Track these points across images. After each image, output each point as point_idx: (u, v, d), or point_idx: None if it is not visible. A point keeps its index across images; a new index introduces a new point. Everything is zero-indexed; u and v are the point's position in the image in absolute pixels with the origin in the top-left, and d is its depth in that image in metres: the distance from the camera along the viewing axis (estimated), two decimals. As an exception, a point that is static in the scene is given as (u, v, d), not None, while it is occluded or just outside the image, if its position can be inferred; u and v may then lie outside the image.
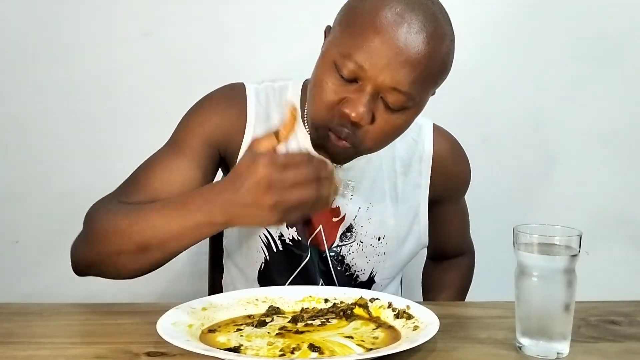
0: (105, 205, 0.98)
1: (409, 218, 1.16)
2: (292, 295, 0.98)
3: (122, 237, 0.90)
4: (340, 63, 0.92)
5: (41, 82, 1.59)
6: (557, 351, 0.80)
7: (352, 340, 0.83)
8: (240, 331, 0.86)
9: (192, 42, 1.60)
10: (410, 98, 0.93)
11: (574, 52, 1.67)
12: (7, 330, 0.88)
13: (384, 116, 0.94)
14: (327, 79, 0.94)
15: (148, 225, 0.88)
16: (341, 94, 0.93)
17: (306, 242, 1.11)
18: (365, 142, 0.97)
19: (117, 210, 0.94)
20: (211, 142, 1.06)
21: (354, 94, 0.92)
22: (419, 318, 0.88)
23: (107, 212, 0.95)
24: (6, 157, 1.61)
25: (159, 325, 0.82)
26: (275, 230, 1.10)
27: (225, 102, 1.09)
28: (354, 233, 1.12)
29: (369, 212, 1.12)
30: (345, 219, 1.11)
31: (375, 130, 0.95)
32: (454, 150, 1.20)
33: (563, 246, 0.80)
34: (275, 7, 1.60)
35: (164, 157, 1.04)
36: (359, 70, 0.91)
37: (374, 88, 0.92)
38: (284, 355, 0.78)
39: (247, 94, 1.10)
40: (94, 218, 0.96)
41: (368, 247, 1.13)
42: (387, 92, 0.92)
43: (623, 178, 1.72)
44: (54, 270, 1.59)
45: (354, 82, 0.93)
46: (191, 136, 1.05)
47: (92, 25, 1.58)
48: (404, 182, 1.15)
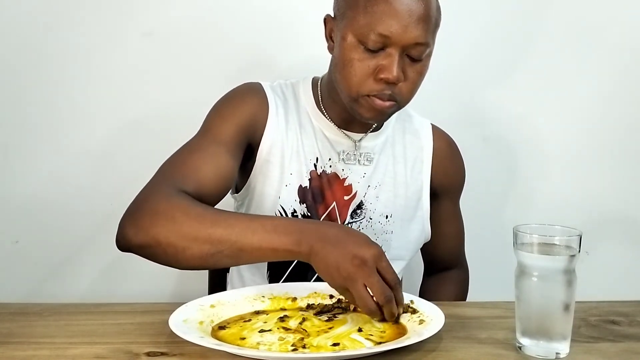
0: (170, 191, 0.97)
1: (414, 200, 1.24)
2: (297, 292, 0.99)
3: (198, 234, 0.91)
4: (365, 39, 1.04)
5: (41, 82, 1.59)
6: (557, 351, 0.81)
7: (361, 334, 0.85)
8: (251, 327, 0.87)
9: (192, 42, 1.60)
10: (428, 46, 1.07)
11: (574, 52, 1.67)
12: (7, 330, 0.88)
13: (412, 69, 1.07)
14: (356, 56, 1.06)
15: (228, 231, 0.91)
16: (372, 64, 1.06)
17: (318, 219, 1.16)
18: (403, 95, 1.09)
19: (188, 202, 0.95)
20: (243, 129, 1.13)
21: (384, 60, 1.05)
22: (423, 312, 0.90)
23: (177, 200, 0.95)
24: (6, 157, 1.61)
25: (172, 322, 0.83)
26: (289, 207, 1.15)
27: (252, 94, 1.17)
28: (364, 210, 1.19)
29: (377, 190, 1.20)
30: (356, 197, 1.19)
31: (409, 83, 1.08)
32: (451, 147, 1.30)
33: (563, 246, 0.80)
34: (275, 7, 1.60)
35: (202, 145, 1.08)
36: (384, 39, 1.04)
37: (400, 49, 1.04)
38: (296, 350, 0.79)
39: (264, 88, 1.19)
40: (161, 202, 0.95)
41: (377, 224, 1.20)
42: (411, 48, 1.05)
43: (623, 178, 1.72)
44: (54, 270, 1.60)
45: (381, 51, 1.05)
46: (225, 125, 1.11)
47: (92, 25, 1.58)
48: (409, 167, 1.24)
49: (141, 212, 0.95)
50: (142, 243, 0.92)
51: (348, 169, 1.19)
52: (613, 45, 1.67)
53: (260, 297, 0.97)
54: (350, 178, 1.19)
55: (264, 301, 0.97)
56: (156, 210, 0.93)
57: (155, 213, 0.93)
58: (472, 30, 1.65)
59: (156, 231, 0.92)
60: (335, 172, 1.18)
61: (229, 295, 0.97)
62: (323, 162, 1.18)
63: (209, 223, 0.91)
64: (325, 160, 1.18)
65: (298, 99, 1.20)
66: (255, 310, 0.95)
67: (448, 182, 1.29)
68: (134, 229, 0.93)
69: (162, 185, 0.99)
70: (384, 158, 1.22)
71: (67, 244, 1.56)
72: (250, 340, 0.82)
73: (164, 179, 1.02)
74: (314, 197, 1.17)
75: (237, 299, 0.96)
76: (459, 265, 1.37)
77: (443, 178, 1.27)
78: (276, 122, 1.16)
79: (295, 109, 1.19)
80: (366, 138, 1.20)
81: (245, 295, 0.97)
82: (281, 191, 1.15)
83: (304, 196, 1.16)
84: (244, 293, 0.98)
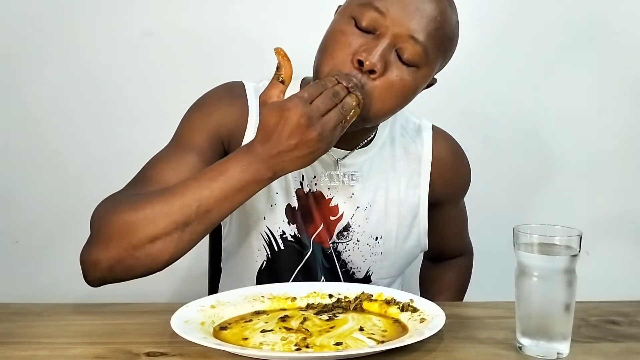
0: (120, 200, 0.95)
1: (409, 219, 1.15)
2: (297, 291, 0.99)
3: (156, 220, 0.89)
4: (359, 14, 0.95)
5: (41, 82, 1.59)
6: (557, 351, 0.80)
7: (363, 333, 0.85)
8: (252, 327, 0.87)
9: (193, 42, 1.60)
10: (425, 52, 0.95)
11: (574, 52, 1.67)
12: (7, 330, 0.88)
13: (396, 69, 0.95)
14: (344, 31, 0.96)
15: (188, 200, 0.88)
16: (356, 45, 0.94)
17: (308, 239, 1.11)
18: (372, 97, 0.95)
19: (138, 199, 0.92)
20: (216, 136, 1.06)
21: (370, 43, 0.94)
22: (424, 311, 0.90)
23: (125, 204, 0.92)
24: (6, 157, 1.61)
25: (173, 323, 0.83)
26: (277, 228, 1.10)
27: (227, 97, 1.10)
28: (351, 232, 1.12)
29: (367, 211, 1.12)
30: (343, 218, 1.12)
31: (384, 84, 0.95)
32: (453, 152, 1.20)
33: (563, 246, 0.80)
34: (276, 7, 1.60)
35: (170, 154, 1.04)
36: (379, 18, 0.94)
37: (391, 37, 0.94)
38: (300, 350, 0.79)
39: (246, 90, 1.10)
40: (110, 214, 0.92)
41: (365, 246, 1.13)
42: (404, 41, 0.94)
43: (623, 178, 1.72)
44: (54, 270, 1.60)
45: (371, 34, 0.95)
46: (196, 132, 1.05)
47: (92, 25, 1.58)
48: (403, 183, 1.15)
49: (90, 244, 0.93)
50: (105, 274, 0.91)
51: (334, 189, 1.10)
52: (614, 45, 1.67)
53: (260, 297, 0.97)
54: (336, 199, 1.10)
55: (263, 301, 0.96)
56: (109, 227, 0.90)
57: (109, 231, 0.90)
58: (475, 30, 1.64)
59: (115, 243, 0.89)
60: (321, 191, 1.10)
61: (229, 296, 0.96)
62: (308, 180, 1.09)
63: (161, 203, 0.89)
64: (310, 177, 1.10)
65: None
66: (256, 311, 0.94)
67: (449, 192, 1.20)
68: (88, 263, 0.92)
69: (115, 198, 0.96)
70: (374, 175, 1.12)
71: (67, 244, 1.55)
72: (253, 340, 0.82)
73: (124, 191, 0.99)
74: (304, 218, 1.10)
75: (237, 300, 0.95)
76: (464, 252, 1.34)
77: (444, 189, 1.17)
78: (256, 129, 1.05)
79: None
80: (352, 155, 1.10)
81: (244, 296, 0.97)
82: (266, 211, 1.09)
83: (293, 217, 1.10)
84: (243, 293, 0.97)
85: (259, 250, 1.12)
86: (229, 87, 1.12)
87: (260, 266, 1.13)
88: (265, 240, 1.11)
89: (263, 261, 1.13)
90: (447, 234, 1.26)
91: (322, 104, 0.87)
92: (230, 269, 1.19)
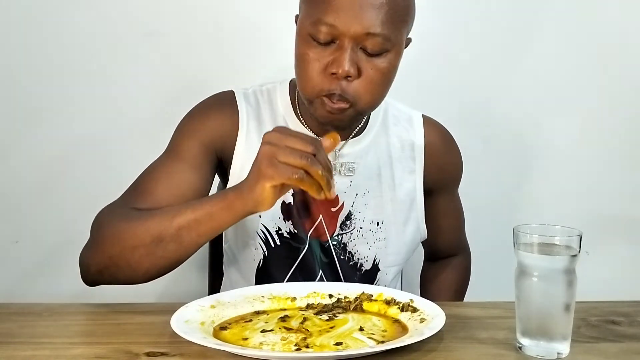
0: (114, 211, 1.01)
1: (407, 203, 1.18)
2: (297, 291, 0.99)
3: (136, 232, 0.93)
4: (314, 31, 0.98)
5: (41, 82, 1.59)
6: (557, 351, 0.80)
7: (363, 333, 0.85)
8: (252, 327, 0.87)
9: (193, 43, 1.60)
10: (386, 39, 0.98)
11: (573, 52, 1.67)
12: (7, 330, 0.88)
13: (370, 65, 0.99)
14: (307, 51, 1.00)
15: (163, 218, 0.93)
16: (324, 60, 0.99)
17: (304, 234, 1.13)
18: (360, 96, 1.00)
19: (128, 212, 0.98)
20: (208, 145, 1.09)
21: (335, 53, 0.98)
22: (424, 311, 0.90)
23: (118, 215, 0.98)
24: (6, 156, 1.61)
25: (174, 324, 0.83)
26: (273, 225, 1.11)
27: (217, 106, 1.13)
28: (353, 220, 1.14)
29: (365, 197, 1.15)
30: (344, 207, 1.14)
31: (365, 81, 1.00)
32: (444, 139, 1.23)
33: (563, 246, 0.80)
34: (276, 7, 1.60)
35: (164, 164, 1.08)
36: (333, 30, 0.97)
37: (350, 40, 0.97)
38: (300, 350, 0.79)
39: (236, 98, 1.14)
40: (104, 222, 0.99)
41: (368, 232, 1.15)
42: (363, 39, 0.97)
43: (623, 178, 1.72)
44: (54, 270, 1.60)
45: (332, 44, 0.99)
46: (188, 142, 1.09)
47: (92, 25, 1.58)
48: (398, 168, 1.18)
49: (87, 247, 0.99)
50: (97, 275, 0.97)
51: None
52: (614, 45, 1.67)
53: (259, 297, 0.97)
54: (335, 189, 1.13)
55: (263, 301, 0.97)
56: (102, 234, 0.97)
57: (101, 237, 0.97)
58: (475, 31, 1.65)
59: (104, 249, 0.95)
60: None
61: (229, 296, 0.96)
62: None
63: (145, 219, 0.94)
64: None
65: (274, 106, 1.14)
66: (256, 311, 0.95)
67: (443, 178, 1.23)
68: (84, 265, 0.99)
69: (111, 207, 1.02)
70: (369, 162, 1.15)
71: (67, 244, 1.55)
72: (253, 340, 0.82)
73: (120, 201, 1.04)
74: (299, 213, 1.12)
75: (237, 300, 0.96)
76: (460, 252, 1.35)
77: (437, 174, 1.21)
78: (247, 137, 1.11)
79: (270, 118, 1.13)
80: (347, 145, 1.13)
81: (244, 296, 0.97)
82: None
83: (288, 213, 1.12)
84: (243, 293, 0.98)
85: (256, 249, 1.13)
86: (220, 96, 1.15)
87: (258, 264, 1.14)
88: (261, 238, 1.12)
89: (260, 259, 1.14)
90: (442, 227, 1.27)
91: (292, 142, 0.85)
92: (231, 271, 1.20)
